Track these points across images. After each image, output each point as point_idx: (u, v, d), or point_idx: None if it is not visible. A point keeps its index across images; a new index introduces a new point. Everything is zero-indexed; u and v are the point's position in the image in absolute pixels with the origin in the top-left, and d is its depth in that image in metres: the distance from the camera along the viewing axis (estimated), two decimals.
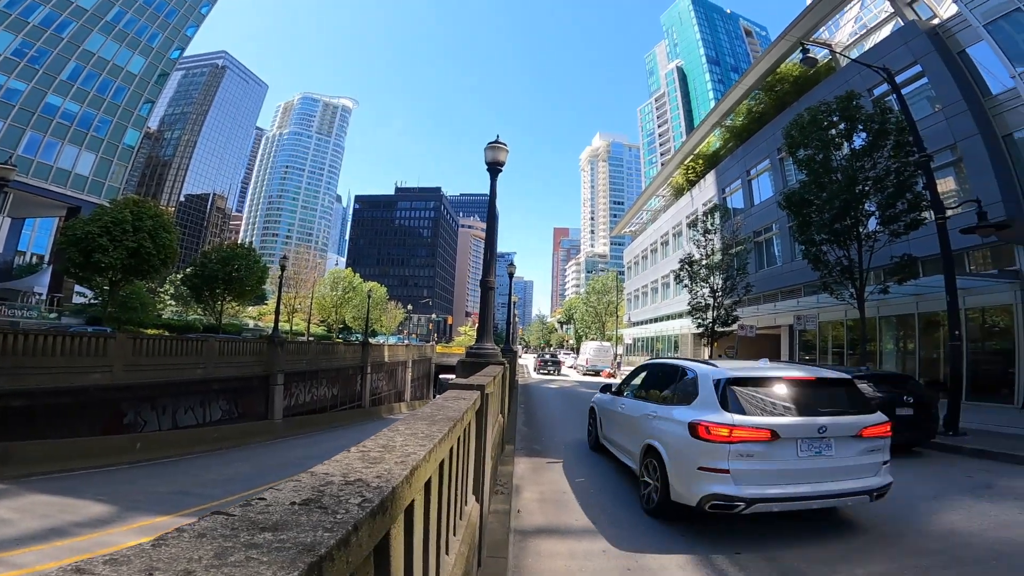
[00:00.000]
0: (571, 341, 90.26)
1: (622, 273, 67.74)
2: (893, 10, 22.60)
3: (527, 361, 57.69)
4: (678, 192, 42.95)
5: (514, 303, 38.42)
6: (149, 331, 28.01)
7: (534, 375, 34.87)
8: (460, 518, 2.49)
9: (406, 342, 59.35)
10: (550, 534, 5.12)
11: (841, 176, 14.56)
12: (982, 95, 17.94)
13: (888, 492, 5.08)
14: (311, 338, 49.46)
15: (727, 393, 5.04)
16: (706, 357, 25.11)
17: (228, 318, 43.95)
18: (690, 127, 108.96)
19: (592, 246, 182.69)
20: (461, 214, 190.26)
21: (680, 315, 34.19)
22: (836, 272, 14.72)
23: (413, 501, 1.27)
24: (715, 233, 25.04)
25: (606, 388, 8.50)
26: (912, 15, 21.44)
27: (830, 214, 14.44)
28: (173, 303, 50.13)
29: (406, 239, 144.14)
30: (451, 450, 1.99)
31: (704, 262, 24.40)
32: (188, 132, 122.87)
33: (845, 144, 15.11)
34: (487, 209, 8.99)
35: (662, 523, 5.27)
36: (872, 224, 14.39)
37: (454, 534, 2.28)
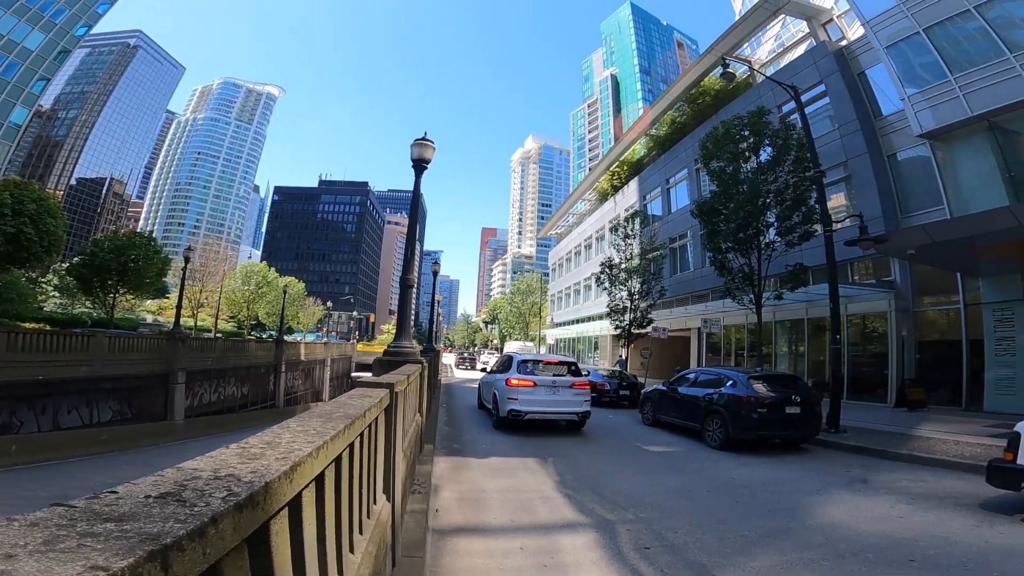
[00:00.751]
0: (495, 341, 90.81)
1: (547, 274, 69.06)
2: (809, 31, 23.91)
3: (451, 360, 57.51)
4: (603, 197, 44.22)
5: (438, 302, 38.14)
6: (27, 325, 25.15)
7: (457, 375, 34.77)
8: (368, 517, 2.46)
9: (325, 340, 57.11)
10: (468, 533, 5.17)
11: (747, 188, 15.49)
12: (874, 116, 19.14)
13: (588, 418, 11.65)
14: (219, 335, 46.40)
15: (520, 366, 11.54)
16: (623, 357, 26.37)
17: (123, 312, 40.24)
18: (619, 134, 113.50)
19: (519, 247, 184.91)
20: (388, 210, 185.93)
21: (600, 317, 35.32)
22: (738, 278, 15.72)
23: (301, 497, 1.26)
24: (634, 238, 26.11)
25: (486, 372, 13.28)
26: (824, 36, 22.55)
27: (735, 223, 15.39)
28: (57, 295, 45.20)
29: (328, 234, 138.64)
30: (351, 447, 1.97)
31: (623, 266, 25.36)
32: (87, 112, 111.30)
33: (753, 157, 16.03)
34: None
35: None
36: (771, 234, 15.51)
37: (360, 533, 2.25)
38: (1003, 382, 14.13)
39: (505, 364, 12.76)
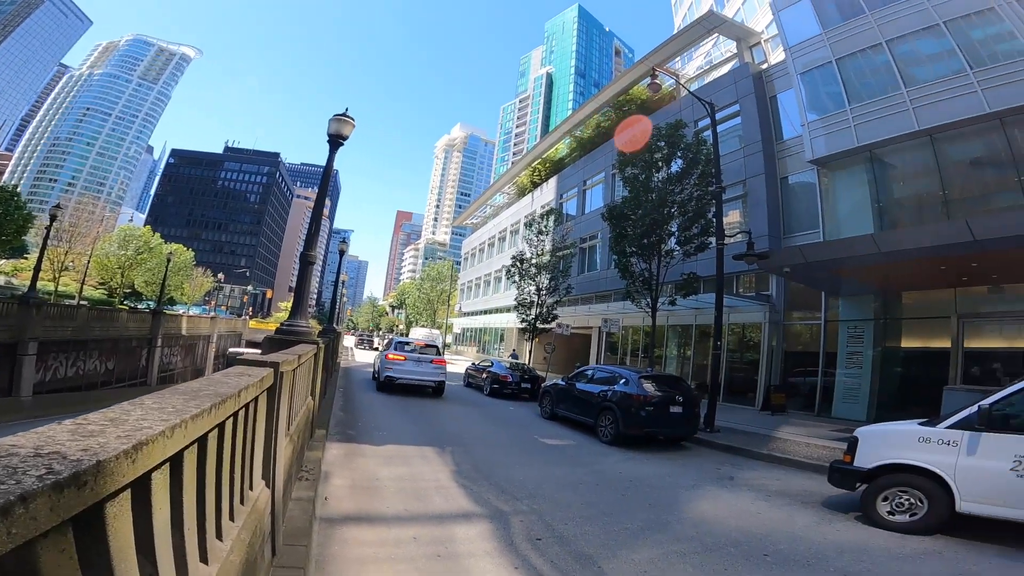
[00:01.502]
0: (401, 326, 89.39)
1: (459, 263, 68.80)
2: (736, 52, 24.55)
3: (353, 343, 55.75)
4: (522, 192, 44.66)
5: (343, 282, 36.73)
6: None
7: (359, 358, 33.76)
8: (242, 503, 2.34)
9: (212, 314, 52.89)
10: (359, 521, 5.04)
11: (655, 196, 16.18)
12: (775, 139, 20.23)
13: (443, 386, 16.30)
14: (84, 302, 41.42)
15: (396, 346, 16.76)
16: (528, 351, 26.98)
17: None
18: (545, 132, 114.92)
19: (434, 233, 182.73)
20: (300, 184, 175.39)
21: (508, 309, 35.78)
22: (639, 282, 16.46)
23: (151, 479, 1.17)
24: (547, 235, 26.67)
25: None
26: (748, 58, 23.29)
27: (641, 229, 16.11)
28: None
29: (229, 202, 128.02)
30: (222, 429, 1.83)
31: (534, 261, 25.88)
32: None
33: (664, 168, 16.72)
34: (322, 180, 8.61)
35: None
36: (672, 243, 16.40)
37: (232, 519, 2.12)
38: (850, 391, 15.91)
39: (389, 344, 18.25)
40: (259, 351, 5.88)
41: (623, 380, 11.00)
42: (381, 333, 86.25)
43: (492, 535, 4.95)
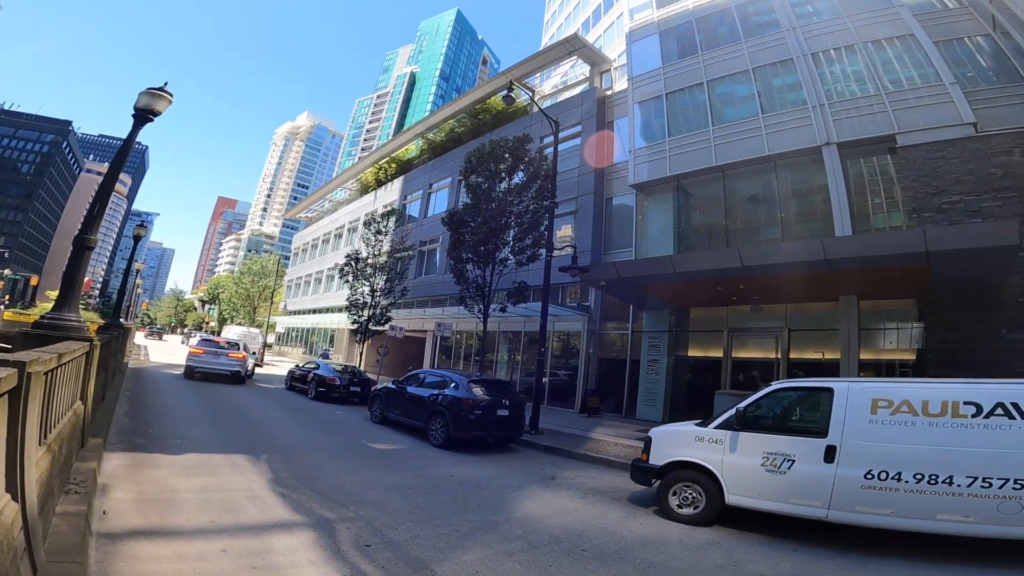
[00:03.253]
0: (213, 323, 79.58)
1: (288, 258, 63.68)
2: (589, 75, 25.69)
3: (147, 341, 48.57)
4: (365, 189, 42.96)
5: (138, 271, 31.69)
6: None
7: (155, 358, 29.26)
8: None
9: None
10: (152, 536, 4.43)
11: (495, 206, 16.75)
12: (607, 162, 21.76)
13: (240, 376, 18.86)
14: None
15: (200, 342, 20.16)
16: (360, 353, 25.95)
17: None
18: (399, 131, 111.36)
19: (261, 224, 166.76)
20: (94, 157, 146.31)
21: (340, 309, 34.08)
22: (472, 289, 16.91)
23: None
24: (386, 235, 26.02)
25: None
26: (597, 83, 24.51)
27: (479, 237, 16.55)
28: None
29: None
30: None
31: (370, 261, 25.07)
32: None
33: (507, 179, 17.31)
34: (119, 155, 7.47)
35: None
36: (506, 252, 17.05)
37: None
38: (650, 395, 17.92)
39: (199, 341, 21.04)
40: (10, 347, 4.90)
41: (453, 384, 11.18)
42: (187, 331, 76.18)
43: (316, 544, 4.66)
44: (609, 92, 23.72)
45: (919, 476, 5.27)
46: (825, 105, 15.58)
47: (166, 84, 7.47)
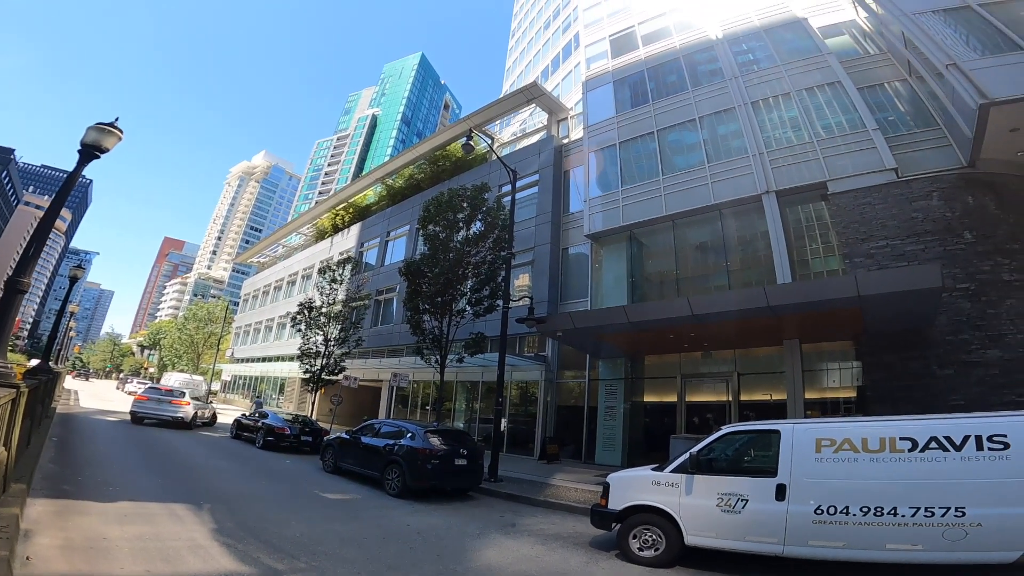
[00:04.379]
0: (152, 369, 75.27)
1: (237, 303, 61.55)
2: (547, 124, 26.21)
3: (81, 385, 45.71)
4: (321, 235, 42.31)
5: (71, 314, 29.98)
6: None
7: (86, 403, 27.52)
8: None
9: None
10: None
11: (452, 256, 16.73)
12: (564, 211, 21.98)
13: (182, 421, 19.35)
14: None
15: (147, 390, 20.86)
16: (312, 403, 25.04)
17: None
18: (359, 175, 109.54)
19: (209, 268, 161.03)
20: (34, 189, 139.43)
21: (291, 358, 32.99)
22: (429, 340, 16.70)
23: None
24: (341, 284, 25.60)
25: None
26: (555, 132, 24.89)
27: (436, 288, 16.47)
28: None
29: None
30: None
31: (324, 310, 24.55)
32: None
33: (464, 229, 17.36)
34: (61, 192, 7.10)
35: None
36: (463, 303, 17.03)
37: None
38: (608, 440, 17.90)
39: (145, 388, 22.12)
40: None
41: (410, 434, 11.13)
42: (123, 376, 72.56)
43: None
44: (566, 140, 24.37)
45: (865, 509, 5.54)
46: (764, 153, 16.57)
47: (117, 120, 7.17)
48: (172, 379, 38.38)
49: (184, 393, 20.94)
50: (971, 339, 11.96)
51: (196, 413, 20.87)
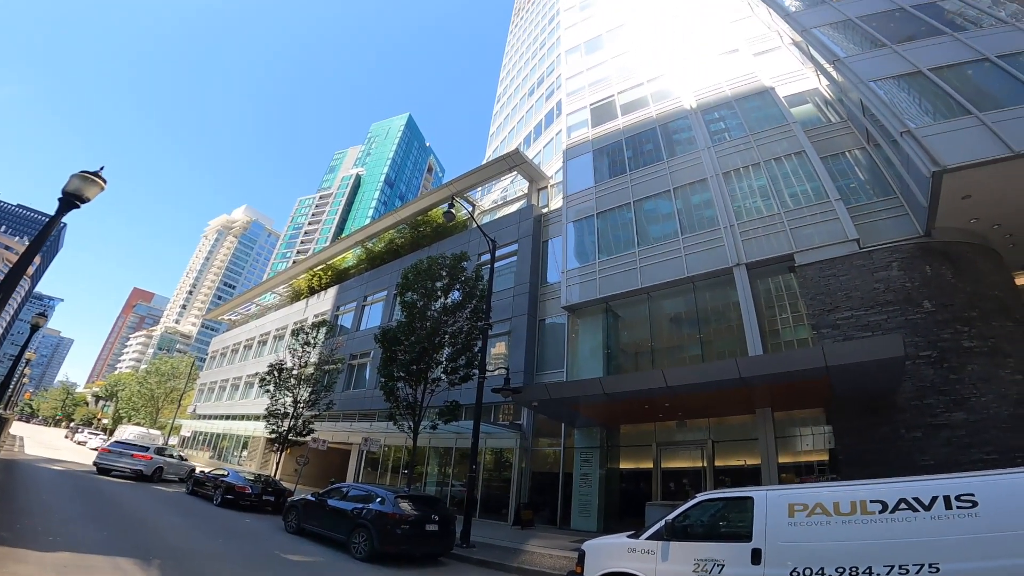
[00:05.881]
0: (106, 420, 72.18)
1: (202, 359, 59.69)
2: (527, 192, 26.56)
3: (26, 430, 43.63)
4: (296, 295, 41.85)
5: (27, 361, 28.95)
6: None
7: (32, 450, 26.14)
8: None
9: None
10: None
11: (430, 325, 16.69)
12: (541, 282, 21.96)
13: (143, 473, 20.30)
14: None
15: (111, 444, 22.40)
16: (276, 462, 23.98)
17: None
18: (339, 235, 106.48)
19: (177, 322, 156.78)
20: (6, 229, 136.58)
21: (258, 417, 31.81)
22: (403, 407, 16.48)
23: None
24: (314, 347, 25.22)
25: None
26: (535, 200, 25.00)
27: (411, 356, 16.34)
28: None
29: None
30: None
31: (295, 372, 24.08)
32: None
33: (442, 298, 17.37)
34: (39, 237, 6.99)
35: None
36: (439, 371, 16.88)
37: None
38: (584, 507, 17.49)
39: (111, 443, 22.98)
40: None
41: (379, 499, 10.95)
42: (73, 425, 70.93)
43: None
44: (545, 210, 24.80)
45: (840, 570, 5.58)
46: (735, 225, 17.09)
47: (102, 169, 6.95)
48: (127, 432, 37.03)
49: (147, 448, 21.77)
50: (936, 403, 12.22)
51: (161, 467, 21.48)
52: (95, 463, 20.57)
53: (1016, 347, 12.46)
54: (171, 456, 23.36)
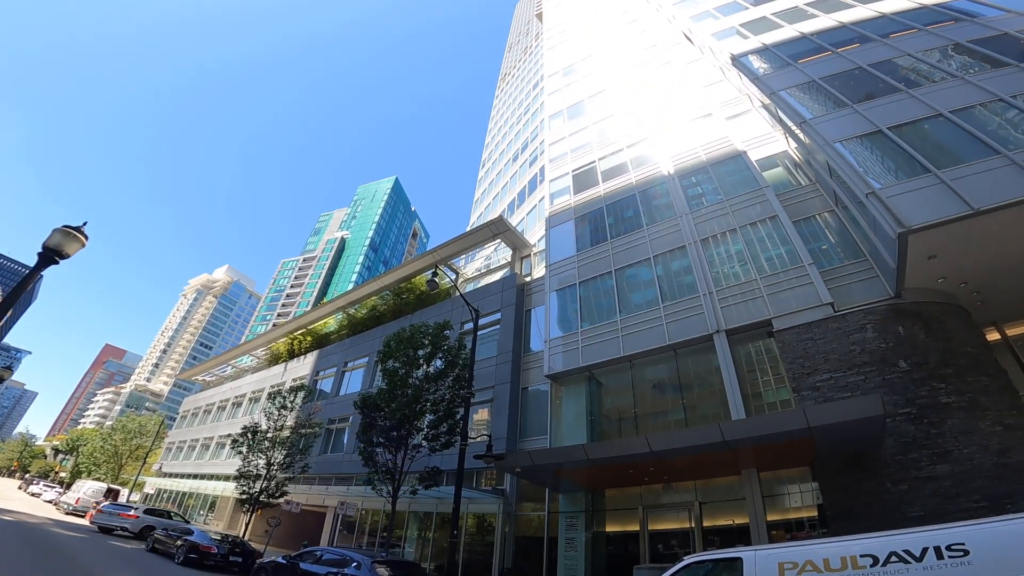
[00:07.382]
0: (63, 474, 69.22)
1: (172, 418, 57.52)
2: (511, 260, 26.48)
3: None
4: (275, 359, 41.10)
5: None
6: None
7: None
8: None
9: None
10: None
11: (411, 392, 16.52)
12: (524, 351, 21.79)
13: (128, 530, 22.95)
14: None
15: (104, 506, 25.18)
16: (246, 523, 22.95)
17: None
18: (321, 298, 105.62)
19: (148, 380, 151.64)
20: None
21: (228, 477, 30.43)
22: (382, 472, 16.11)
23: None
24: (291, 411, 24.74)
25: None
26: (518, 269, 24.99)
27: (391, 422, 16.16)
28: None
29: None
30: None
31: (269, 435, 23.51)
32: None
33: (425, 366, 17.26)
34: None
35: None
36: (420, 438, 16.65)
37: None
38: (569, 571, 16.81)
39: (106, 504, 23.38)
40: None
41: (355, 564, 10.64)
42: (28, 477, 70.23)
43: None
44: (528, 279, 24.79)
45: None
46: (714, 292, 17.32)
47: (85, 224, 6.88)
48: (85, 487, 35.38)
49: (132, 507, 24.90)
50: (920, 457, 12.23)
51: (152, 526, 23.20)
52: (94, 522, 24.09)
53: (993, 400, 12.64)
54: (167, 516, 25.09)
